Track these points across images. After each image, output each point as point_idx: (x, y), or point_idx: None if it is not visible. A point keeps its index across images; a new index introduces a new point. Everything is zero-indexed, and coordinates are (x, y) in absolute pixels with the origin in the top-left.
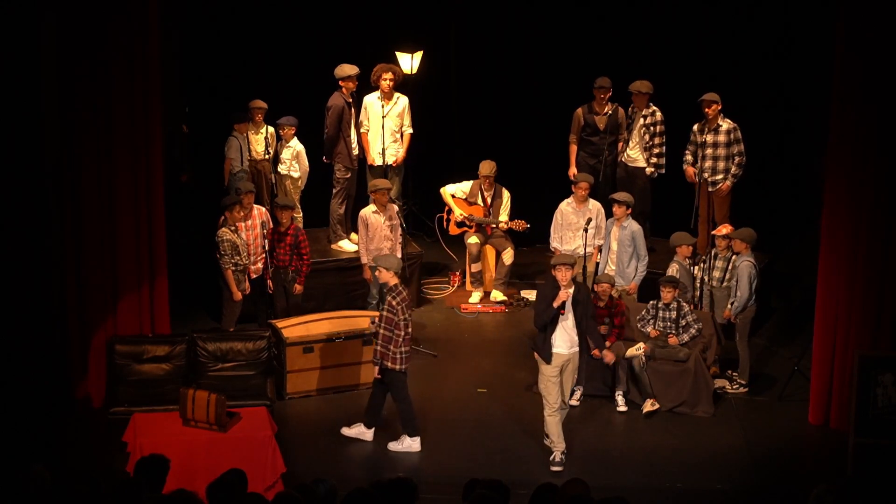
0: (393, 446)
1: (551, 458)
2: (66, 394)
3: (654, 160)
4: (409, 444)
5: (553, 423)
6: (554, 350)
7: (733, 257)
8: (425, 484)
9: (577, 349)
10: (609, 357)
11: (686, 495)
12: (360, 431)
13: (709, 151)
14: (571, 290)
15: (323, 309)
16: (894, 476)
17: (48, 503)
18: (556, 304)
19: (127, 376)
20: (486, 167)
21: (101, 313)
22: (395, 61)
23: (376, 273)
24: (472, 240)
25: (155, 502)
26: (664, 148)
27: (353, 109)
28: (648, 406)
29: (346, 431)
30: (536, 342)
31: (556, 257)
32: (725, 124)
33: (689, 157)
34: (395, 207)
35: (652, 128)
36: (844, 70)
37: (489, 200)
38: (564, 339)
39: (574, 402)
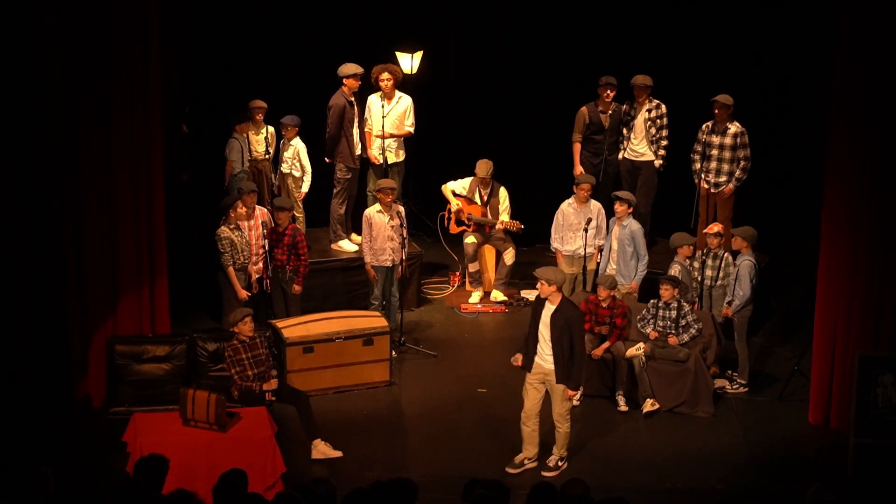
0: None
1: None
2: (66, 394)
3: (661, 152)
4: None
5: (523, 431)
6: (536, 359)
7: (726, 255)
8: (425, 484)
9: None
10: (596, 352)
11: (686, 495)
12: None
13: (714, 153)
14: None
15: (323, 309)
16: (894, 476)
17: None
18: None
19: (127, 376)
20: (483, 168)
21: (101, 313)
22: (395, 61)
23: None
24: (469, 239)
25: (155, 502)
26: (668, 141)
27: (355, 109)
28: (648, 406)
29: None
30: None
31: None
32: (734, 127)
33: (696, 166)
34: (401, 208)
35: (658, 121)
36: (844, 69)
37: (486, 198)
38: (546, 351)
39: (574, 403)
